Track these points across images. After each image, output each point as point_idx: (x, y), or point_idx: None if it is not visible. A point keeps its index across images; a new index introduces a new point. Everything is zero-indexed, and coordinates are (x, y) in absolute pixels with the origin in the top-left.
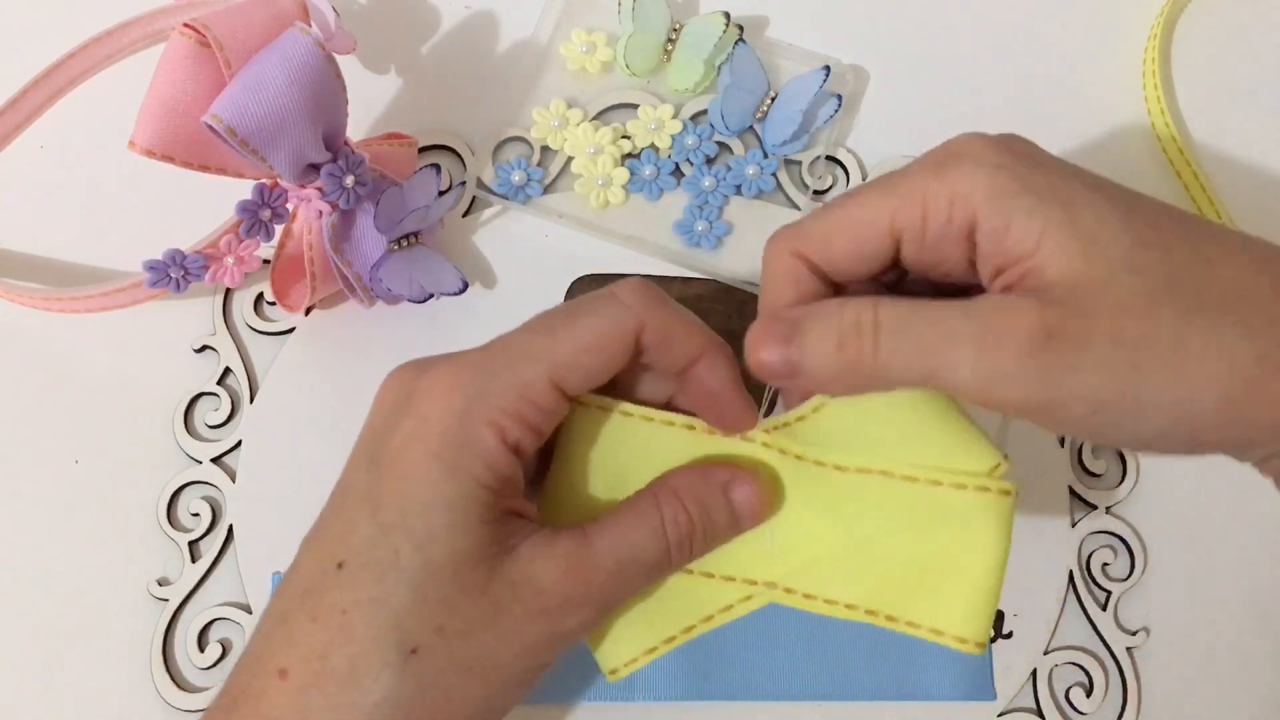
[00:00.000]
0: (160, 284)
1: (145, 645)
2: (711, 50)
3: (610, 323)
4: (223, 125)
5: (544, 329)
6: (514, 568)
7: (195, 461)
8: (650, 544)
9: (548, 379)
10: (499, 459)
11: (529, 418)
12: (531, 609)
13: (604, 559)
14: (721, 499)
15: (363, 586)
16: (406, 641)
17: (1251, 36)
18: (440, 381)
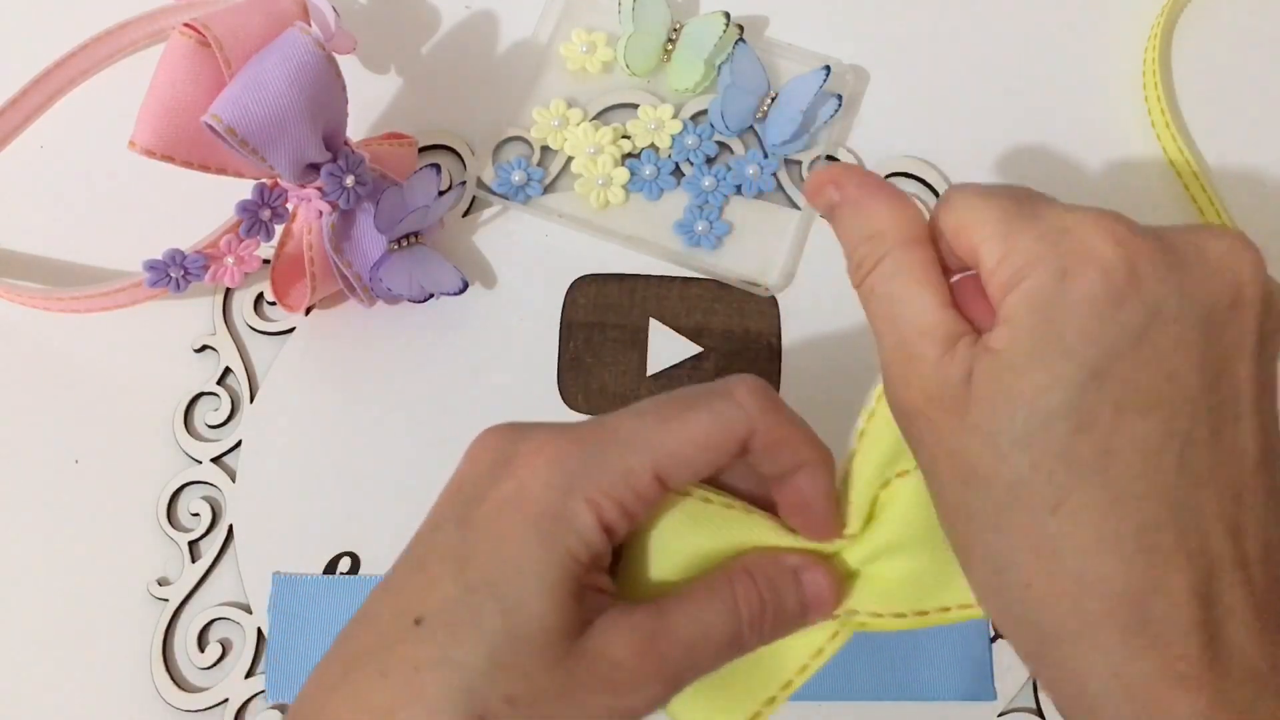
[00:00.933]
0: (160, 284)
1: (145, 645)
2: (711, 50)
3: (723, 423)
4: (223, 125)
5: (655, 417)
6: (588, 641)
7: (195, 461)
8: (723, 622)
9: (652, 470)
10: (593, 537)
11: (627, 504)
12: (601, 682)
13: (678, 634)
14: (792, 583)
15: (440, 645)
16: (475, 708)
17: (1251, 37)
18: (545, 452)
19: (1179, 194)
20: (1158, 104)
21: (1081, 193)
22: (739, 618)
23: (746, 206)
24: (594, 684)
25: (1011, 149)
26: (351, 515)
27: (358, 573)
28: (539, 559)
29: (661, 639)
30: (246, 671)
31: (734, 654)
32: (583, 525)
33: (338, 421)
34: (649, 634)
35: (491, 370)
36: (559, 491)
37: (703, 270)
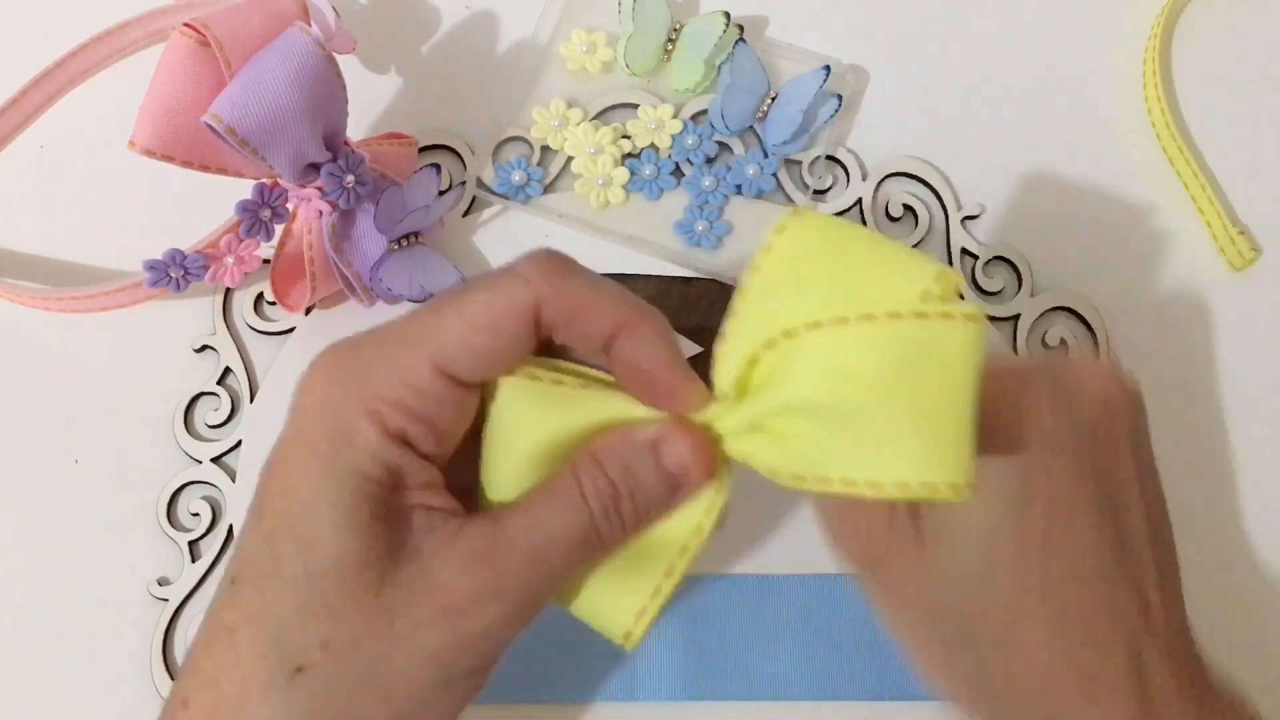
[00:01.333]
0: (160, 284)
1: (145, 645)
2: (712, 50)
3: (502, 298)
4: (223, 125)
5: (431, 309)
6: (411, 567)
7: (195, 461)
8: (569, 520)
9: (430, 364)
10: (383, 450)
11: (413, 406)
12: (431, 611)
13: (517, 544)
14: (650, 460)
15: (248, 601)
16: (289, 660)
17: (1251, 36)
18: (317, 370)
19: (1179, 194)
20: (1158, 104)
21: (1081, 192)
22: (587, 512)
23: (746, 206)
24: (422, 614)
25: (1011, 149)
26: None
27: None
28: (325, 489)
29: (497, 554)
30: None
31: (593, 552)
32: (365, 441)
33: None
34: (484, 549)
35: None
36: (333, 410)
37: (703, 270)
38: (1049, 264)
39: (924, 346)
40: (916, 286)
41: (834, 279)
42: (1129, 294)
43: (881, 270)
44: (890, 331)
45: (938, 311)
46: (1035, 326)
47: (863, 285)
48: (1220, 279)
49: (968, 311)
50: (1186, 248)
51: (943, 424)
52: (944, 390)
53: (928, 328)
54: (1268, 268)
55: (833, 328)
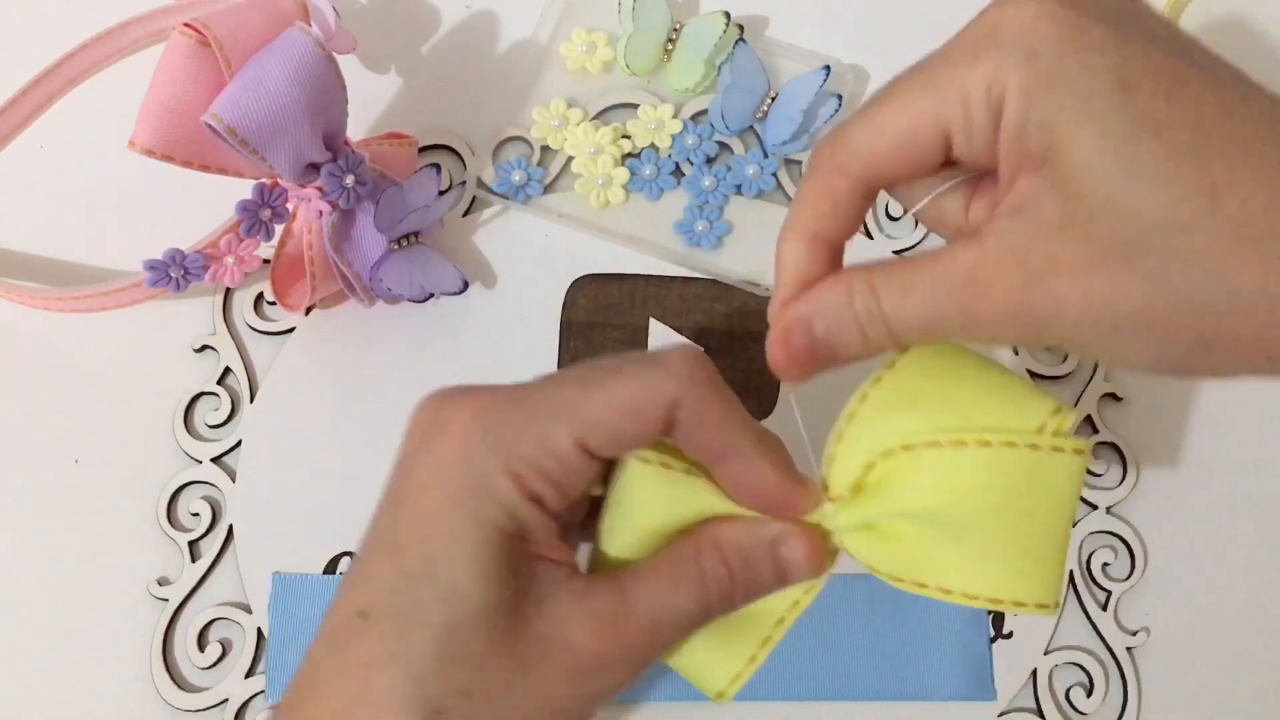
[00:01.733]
0: (160, 284)
1: (145, 645)
2: (712, 50)
3: (648, 389)
4: (223, 125)
5: (579, 383)
6: (543, 623)
7: (195, 461)
8: (689, 600)
9: (571, 436)
10: (519, 508)
11: (551, 472)
12: (560, 669)
13: (640, 617)
14: (768, 556)
15: (385, 639)
16: (430, 703)
17: (1252, 36)
18: (462, 417)
19: None
20: None
21: None
22: (707, 595)
23: (746, 206)
24: (553, 672)
25: None
26: (351, 515)
27: None
28: (467, 540)
29: (624, 623)
30: (246, 671)
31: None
32: (504, 497)
33: (338, 421)
34: (609, 619)
35: (491, 370)
36: (477, 462)
37: (703, 270)
38: None
39: (1034, 475)
40: (1034, 420)
41: (955, 402)
42: None
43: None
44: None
45: (1050, 445)
46: None
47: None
48: None
49: (1077, 445)
50: None
51: (1042, 548)
52: (1047, 516)
53: (1039, 458)
54: None
55: (951, 448)
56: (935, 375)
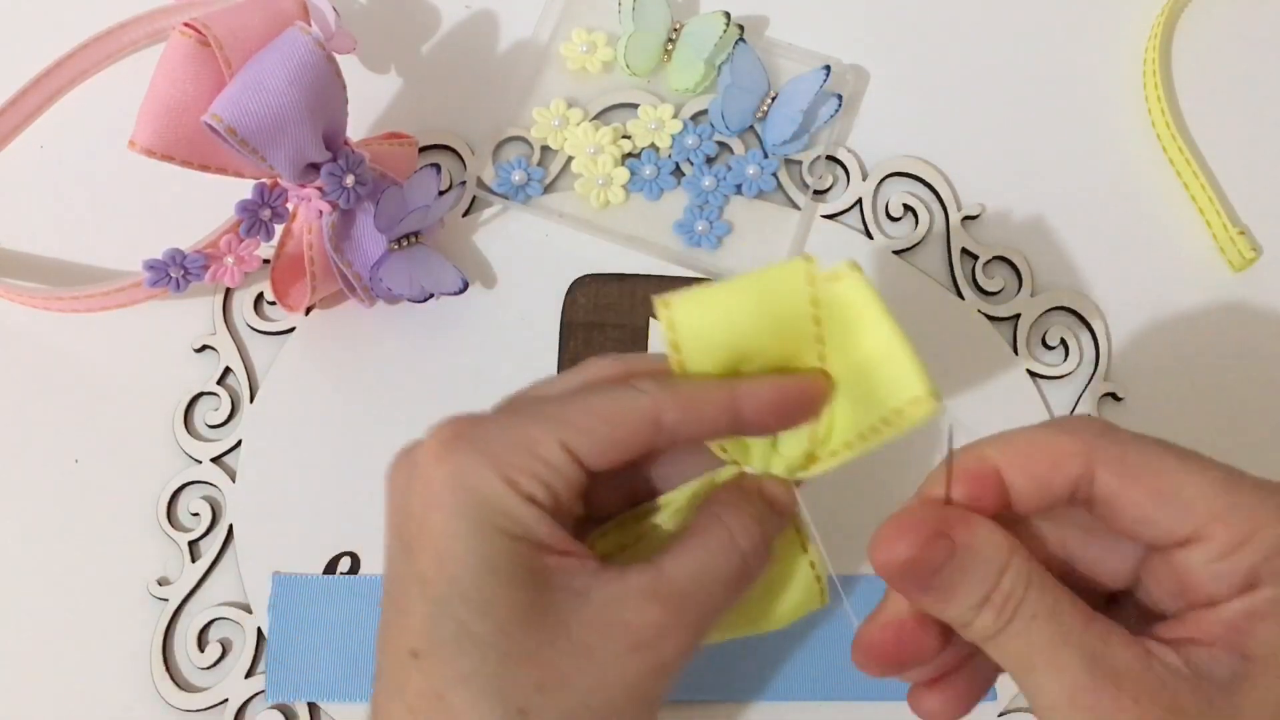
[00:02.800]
0: (160, 284)
1: (145, 645)
2: (712, 50)
3: (622, 400)
4: (223, 125)
5: (557, 394)
6: (593, 610)
7: (195, 461)
8: (726, 557)
9: (556, 439)
10: (518, 509)
11: (542, 475)
12: (623, 646)
13: (683, 582)
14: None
15: (446, 665)
16: (511, 705)
17: (1251, 36)
18: (442, 443)
19: (1179, 194)
20: (1158, 104)
21: (1081, 192)
22: (740, 549)
23: (747, 206)
24: (617, 650)
25: (1011, 149)
26: (351, 515)
27: (358, 573)
28: (482, 553)
29: (670, 591)
30: (246, 671)
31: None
32: (503, 502)
33: (338, 421)
34: (654, 590)
35: (491, 370)
36: (469, 476)
37: (703, 270)
38: (1049, 264)
39: (840, 308)
40: (800, 286)
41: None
42: (1129, 294)
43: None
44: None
45: (825, 279)
46: (1035, 326)
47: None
48: (1220, 279)
49: (841, 270)
50: (1186, 248)
51: (884, 361)
52: (871, 334)
53: (830, 291)
54: (1268, 268)
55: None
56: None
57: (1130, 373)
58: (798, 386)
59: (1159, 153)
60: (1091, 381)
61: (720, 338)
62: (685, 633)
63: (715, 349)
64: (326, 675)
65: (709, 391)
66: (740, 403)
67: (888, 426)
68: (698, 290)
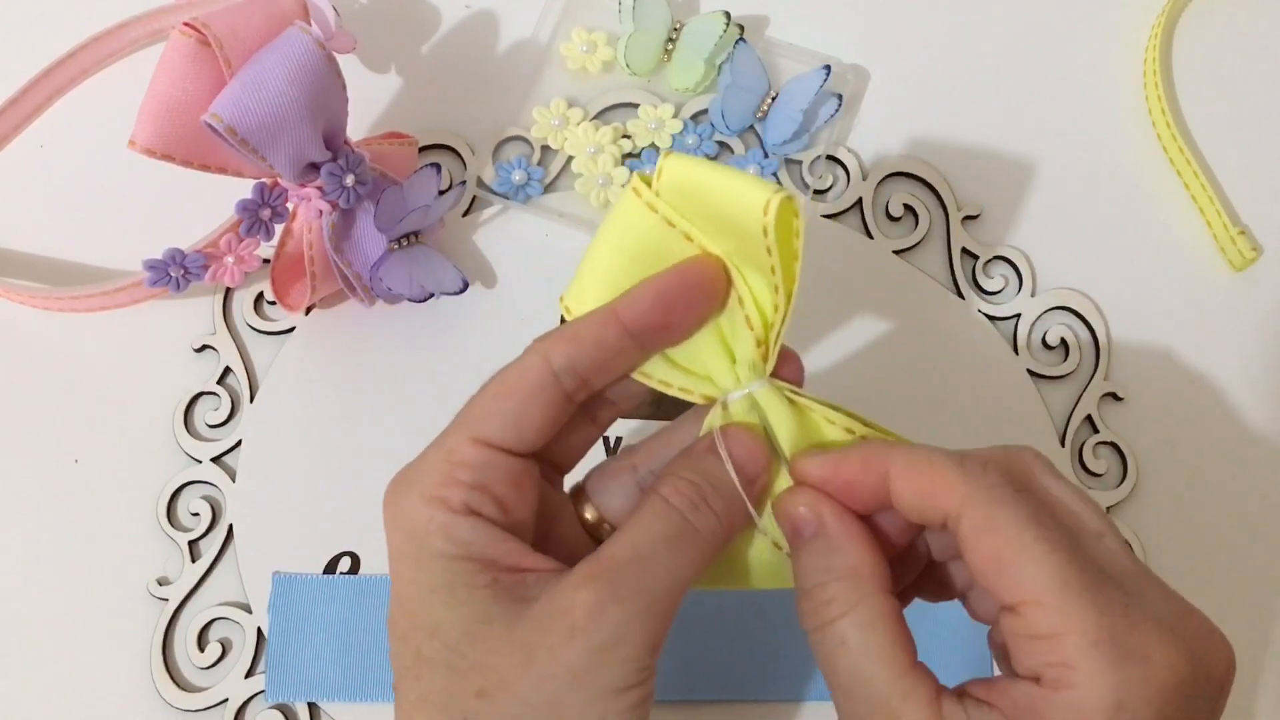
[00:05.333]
0: (160, 283)
1: (145, 645)
2: (712, 50)
3: (511, 366)
4: (223, 124)
5: (468, 401)
6: (534, 608)
7: (195, 461)
8: (661, 521)
9: (466, 437)
10: (454, 527)
11: (464, 479)
12: (561, 633)
13: (621, 555)
14: (712, 459)
15: (410, 690)
16: (456, 716)
17: (1251, 36)
18: (386, 495)
19: (1179, 194)
20: (1158, 104)
21: (1081, 192)
22: (674, 509)
23: None
24: (554, 639)
25: (1011, 149)
26: (351, 515)
27: (358, 572)
28: (424, 580)
29: (605, 567)
30: (246, 671)
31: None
32: (437, 525)
33: (338, 421)
34: (591, 571)
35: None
36: (400, 511)
37: None
38: (1049, 264)
39: (679, 198)
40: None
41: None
42: (1129, 294)
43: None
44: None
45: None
46: (1035, 326)
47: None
48: (1220, 279)
49: (659, 166)
50: (1186, 248)
51: (733, 197)
52: (712, 192)
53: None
54: (1268, 268)
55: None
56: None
57: (1130, 373)
58: (674, 271)
59: (1159, 153)
60: (1091, 381)
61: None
62: (623, 607)
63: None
64: (326, 675)
65: (585, 317)
66: (618, 310)
67: (772, 252)
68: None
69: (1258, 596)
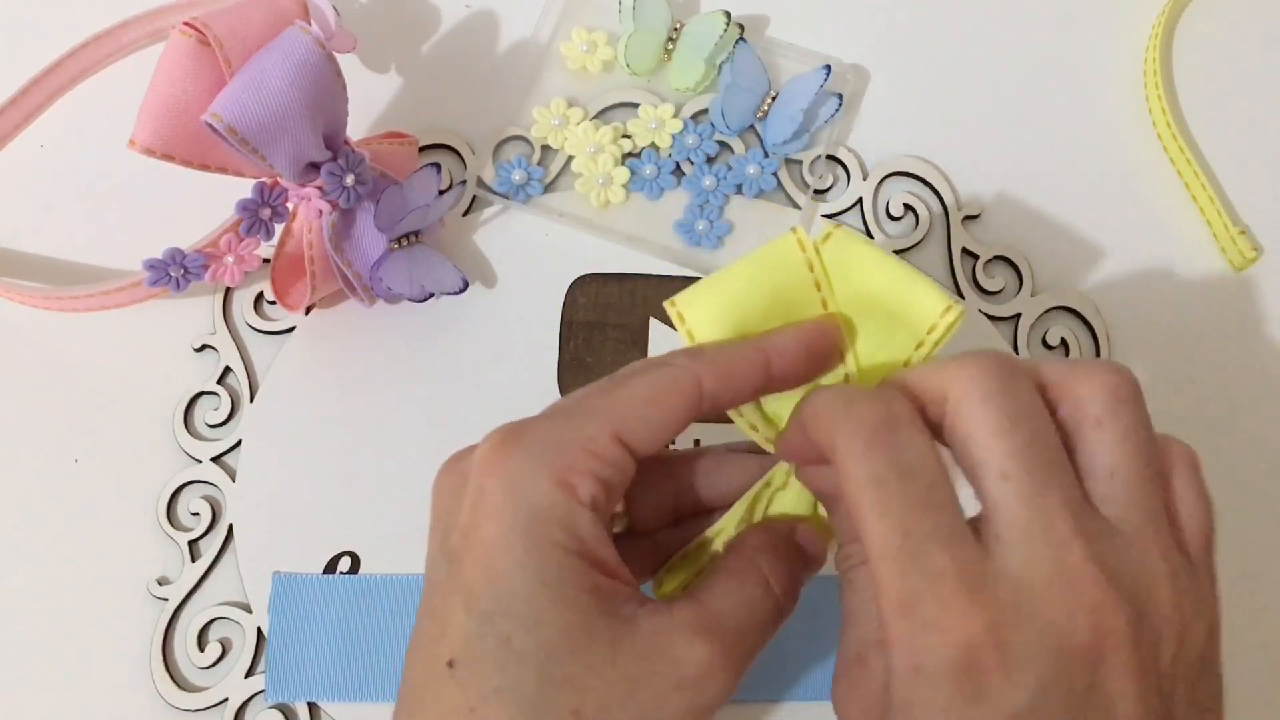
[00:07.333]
0: (160, 283)
1: (145, 645)
2: (712, 49)
3: (664, 376)
4: (223, 124)
5: (598, 389)
6: (638, 640)
7: (195, 461)
8: (763, 600)
9: (610, 432)
10: (575, 518)
11: (597, 472)
12: (670, 682)
13: (728, 620)
14: (796, 548)
15: (483, 679)
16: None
17: (1251, 36)
18: (493, 449)
19: (1179, 194)
20: (1158, 104)
21: (1081, 192)
22: (774, 592)
23: (747, 206)
24: (663, 686)
25: (1011, 149)
26: (351, 515)
27: (358, 572)
28: (534, 566)
29: (716, 628)
30: (246, 671)
31: (776, 629)
32: (563, 512)
33: (338, 421)
34: (702, 626)
35: (491, 370)
36: (525, 483)
37: (703, 270)
38: (1049, 264)
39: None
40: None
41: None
42: (1129, 294)
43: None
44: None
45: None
46: (1035, 326)
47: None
48: (1220, 279)
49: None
50: (1186, 248)
51: (902, 290)
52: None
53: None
54: (1268, 268)
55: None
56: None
57: None
58: (817, 327)
59: (1159, 152)
60: None
61: (732, 322)
62: (729, 674)
63: (729, 334)
64: (326, 675)
65: (739, 350)
66: (770, 354)
67: (923, 346)
68: (701, 283)
69: (1258, 596)
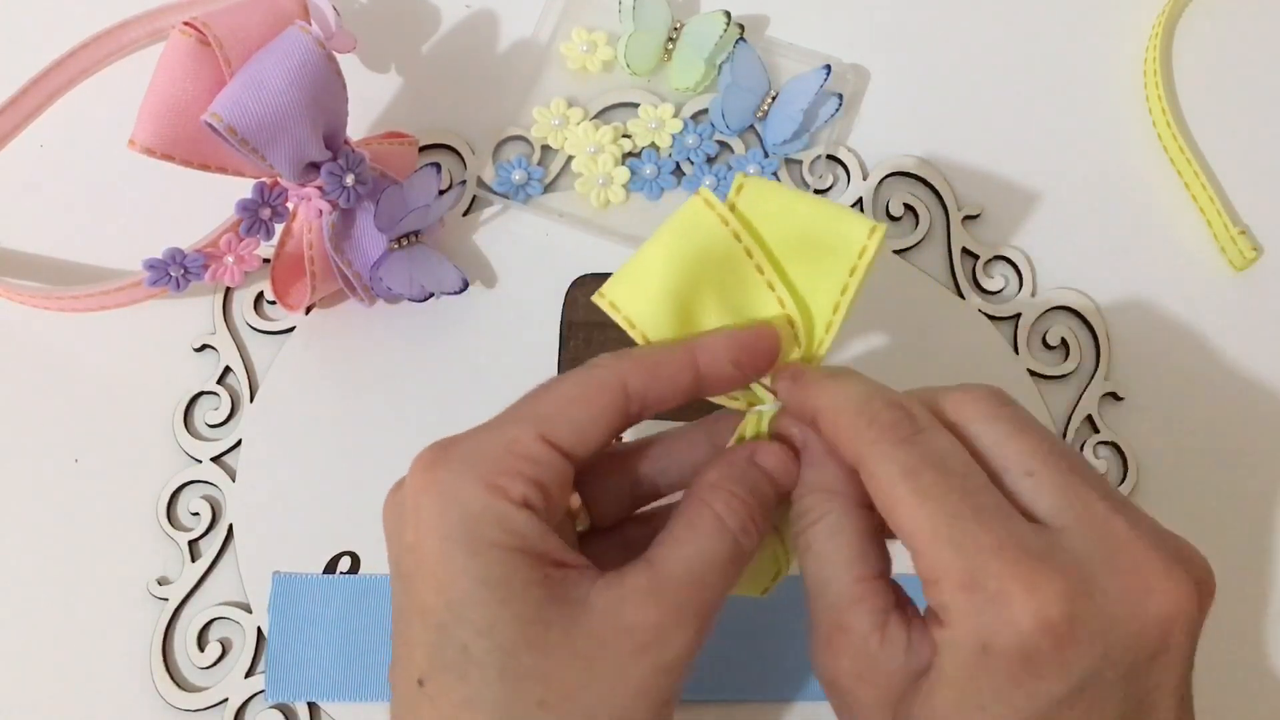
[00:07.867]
0: (160, 283)
1: (145, 645)
2: (712, 49)
3: (589, 377)
4: (223, 124)
5: (526, 396)
6: (594, 619)
7: (195, 460)
8: (717, 542)
9: (534, 433)
10: (510, 517)
11: (526, 472)
12: (625, 650)
13: (679, 574)
14: (756, 471)
15: (453, 690)
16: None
17: (1251, 36)
18: (423, 468)
19: (1179, 194)
20: (1158, 104)
21: (1081, 192)
22: (729, 529)
23: None
24: (620, 656)
25: (1011, 149)
26: (351, 515)
27: (358, 572)
28: (475, 571)
29: (666, 587)
30: (246, 671)
31: (742, 564)
32: (494, 513)
33: (338, 421)
34: (651, 587)
35: (491, 370)
36: (454, 492)
37: None
38: (1049, 264)
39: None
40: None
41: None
42: (1129, 294)
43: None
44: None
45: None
46: (1035, 326)
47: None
48: (1220, 279)
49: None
50: (1186, 248)
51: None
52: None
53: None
54: (1268, 268)
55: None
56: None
57: (1130, 373)
58: (752, 333)
59: (1160, 152)
60: (1091, 381)
61: (664, 298)
62: (687, 629)
63: (664, 309)
64: (326, 675)
65: (666, 350)
66: (698, 354)
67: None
68: (623, 268)
69: (1258, 595)
